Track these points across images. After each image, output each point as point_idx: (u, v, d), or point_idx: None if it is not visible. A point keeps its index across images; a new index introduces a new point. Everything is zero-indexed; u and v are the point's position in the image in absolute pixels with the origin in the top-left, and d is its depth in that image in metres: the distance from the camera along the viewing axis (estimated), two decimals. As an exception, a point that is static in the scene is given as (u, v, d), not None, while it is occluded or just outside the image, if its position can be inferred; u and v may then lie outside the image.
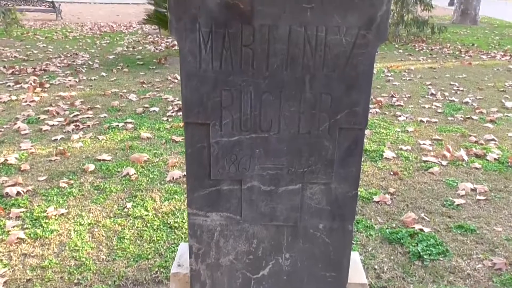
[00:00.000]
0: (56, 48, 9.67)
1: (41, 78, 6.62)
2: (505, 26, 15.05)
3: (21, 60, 8.13)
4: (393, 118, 5.03)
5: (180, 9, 1.11)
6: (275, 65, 1.16)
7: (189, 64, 1.17)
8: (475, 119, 4.99)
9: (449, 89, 6.34)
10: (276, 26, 1.12)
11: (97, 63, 7.96)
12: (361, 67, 1.16)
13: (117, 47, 9.83)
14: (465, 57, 9.15)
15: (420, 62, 8.56)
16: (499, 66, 8.12)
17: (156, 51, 9.32)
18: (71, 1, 24.15)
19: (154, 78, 6.79)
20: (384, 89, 6.26)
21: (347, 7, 1.10)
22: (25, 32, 11.95)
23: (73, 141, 4.17)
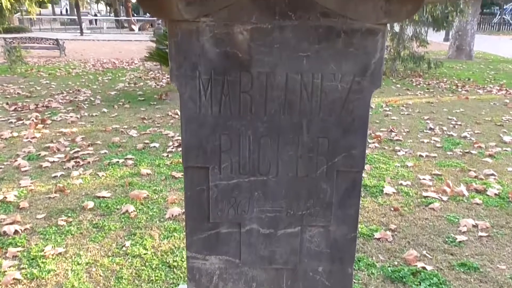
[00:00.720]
0: (59, 84, 9.84)
1: (43, 115, 6.70)
2: (499, 61, 15.36)
3: (24, 97, 8.26)
4: (392, 153, 5.05)
5: (181, 57, 1.15)
6: (273, 110, 1.19)
7: (189, 109, 1.20)
8: (474, 154, 5.01)
9: (447, 124, 6.40)
10: (274, 74, 1.16)
11: (98, 99, 8.08)
12: (356, 112, 1.18)
13: (119, 83, 10.00)
14: (461, 91, 9.29)
15: (417, 96, 8.68)
16: (495, 101, 8.23)
17: (157, 87, 9.47)
18: (75, 39, 24.77)
19: (155, 114, 6.87)
20: (382, 124, 6.32)
21: (342, 55, 1.14)
22: (29, 69, 12.19)
23: (73, 177, 4.17)
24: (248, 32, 1.13)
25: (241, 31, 1.13)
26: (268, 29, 1.12)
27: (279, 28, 1.12)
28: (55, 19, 39.43)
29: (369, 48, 1.13)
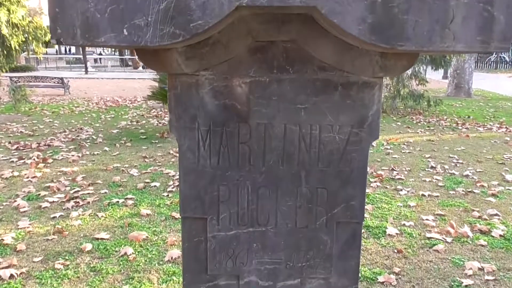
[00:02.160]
0: (61, 123, 9.95)
1: (44, 154, 6.73)
2: (498, 98, 15.53)
3: (27, 135, 8.32)
4: (394, 192, 5.01)
5: (180, 109, 1.17)
6: (271, 161, 1.19)
7: (188, 160, 1.20)
8: (477, 193, 4.97)
9: (448, 162, 6.39)
10: (272, 125, 1.17)
11: (101, 137, 8.13)
12: (355, 163, 1.18)
13: (121, 121, 10.10)
14: (462, 129, 9.34)
15: (418, 134, 8.72)
16: (496, 138, 8.26)
17: (159, 125, 9.56)
18: (80, 77, 25.28)
19: (156, 152, 6.89)
20: (384, 162, 6.31)
21: (339, 107, 1.15)
22: (33, 107, 12.37)
23: (72, 218, 4.13)
24: (246, 85, 1.15)
25: (240, 84, 1.15)
26: (266, 82, 1.14)
27: (277, 81, 1.14)
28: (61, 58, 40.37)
29: (366, 100, 1.15)
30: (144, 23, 0.92)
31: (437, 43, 0.90)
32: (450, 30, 0.90)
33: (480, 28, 0.90)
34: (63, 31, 0.94)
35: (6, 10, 11.22)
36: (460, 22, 0.89)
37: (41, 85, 16.65)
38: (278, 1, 0.89)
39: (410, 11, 0.89)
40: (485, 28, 0.89)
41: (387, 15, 0.89)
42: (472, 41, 0.90)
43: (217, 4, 0.89)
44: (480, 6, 0.89)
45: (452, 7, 0.89)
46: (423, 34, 0.90)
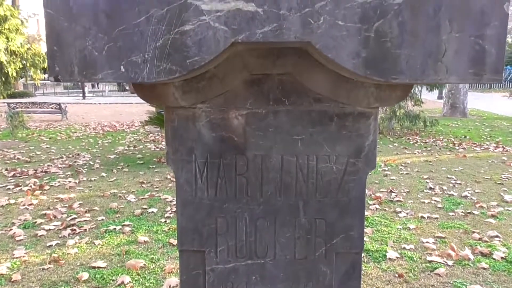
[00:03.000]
0: (59, 148, 9.93)
1: (41, 180, 6.69)
2: (493, 118, 15.66)
3: (24, 162, 8.29)
4: (393, 214, 4.98)
5: (178, 142, 1.17)
6: (269, 192, 1.19)
7: (185, 192, 1.19)
8: (476, 214, 4.94)
9: (447, 183, 6.38)
10: (269, 156, 1.17)
11: (98, 163, 8.10)
12: (353, 193, 1.18)
13: (119, 146, 10.09)
14: (459, 149, 9.36)
15: (415, 155, 8.74)
16: (493, 158, 8.28)
17: (157, 150, 9.55)
18: (78, 102, 25.40)
19: (154, 178, 6.86)
20: (382, 184, 6.29)
21: (336, 137, 1.16)
22: (30, 133, 12.36)
23: (68, 246, 4.07)
24: (243, 117, 1.15)
25: (236, 116, 1.15)
26: (262, 114, 1.15)
27: (273, 113, 1.15)
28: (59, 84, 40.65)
29: (362, 130, 1.15)
30: (141, 60, 0.93)
31: (431, 76, 0.92)
32: (442, 63, 0.91)
33: (472, 61, 0.91)
34: (61, 69, 0.95)
35: (5, 37, 11.36)
36: (452, 56, 0.91)
37: (38, 111, 16.70)
38: (273, 37, 0.91)
39: (403, 45, 0.91)
40: (477, 61, 0.91)
41: (381, 50, 0.90)
42: (465, 74, 0.92)
43: (213, 41, 0.91)
44: (472, 40, 0.90)
45: (444, 41, 0.91)
46: (417, 67, 0.91)
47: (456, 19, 0.90)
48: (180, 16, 0.91)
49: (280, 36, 0.90)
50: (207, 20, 0.90)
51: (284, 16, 0.90)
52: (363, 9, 0.89)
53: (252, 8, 0.90)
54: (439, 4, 0.89)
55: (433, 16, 0.90)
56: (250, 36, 0.90)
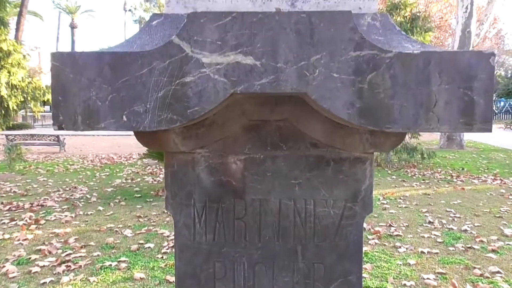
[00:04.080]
0: (56, 181, 9.88)
1: (37, 214, 6.62)
2: (490, 149, 15.75)
3: (20, 195, 8.23)
4: (393, 249, 4.93)
5: (177, 186, 1.19)
6: (267, 237, 1.20)
7: (184, 237, 1.20)
8: (477, 249, 4.90)
9: (446, 216, 6.35)
10: (267, 200, 1.18)
11: (95, 196, 8.05)
12: (350, 237, 1.19)
13: (116, 179, 10.06)
14: (457, 181, 9.37)
15: (414, 188, 8.73)
16: (491, 191, 8.27)
17: (154, 183, 9.52)
18: (76, 134, 25.47)
19: (151, 211, 6.81)
20: (381, 218, 6.26)
21: (333, 182, 1.18)
22: (27, 166, 12.33)
23: (63, 284, 3.99)
24: (241, 161, 1.18)
25: (235, 161, 1.18)
26: (260, 159, 1.17)
27: (271, 157, 1.18)
28: (59, 116, 40.82)
29: (358, 175, 1.17)
30: (143, 110, 0.96)
31: (423, 125, 0.95)
32: (434, 113, 0.95)
33: (462, 111, 0.95)
34: (65, 118, 0.98)
35: (7, 72, 11.54)
36: (443, 106, 0.95)
37: (36, 143, 16.72)
38: (270, 88, 0.94)
39: (396, 96, 0.94)
40: (466, 111, 0.94)
41: (374, 100, 0.94)
42: (456, 123, 0.95)
43: (213, 92, 0.94)
44: (461, 91, 0.94)
45: (435, 92, 0.94)
46: (409, 117, 0.95)
47: (445, 72, 0.94)
48: (181, 68, 0.95)
49: (277, 87, 0.94)
50: (207, 72, 0.94)
51: (281, 69, 0.94)
52: (357, 62, 0.94)
53: (251, 61, 0.94)
54: (429, 57, 0.94)
55: (423, 69, 0.94)
56: (248, 88, 0.94)
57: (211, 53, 0.94)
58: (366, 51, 0.93)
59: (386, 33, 1.05)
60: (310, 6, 1.13)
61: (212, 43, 0.94)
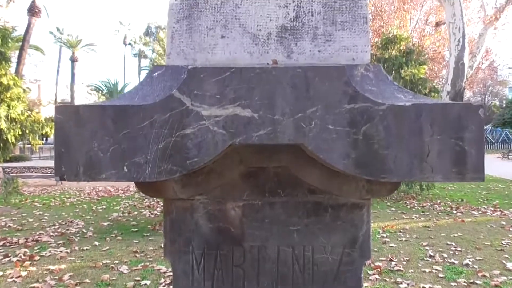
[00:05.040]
0: (52, 215, 9.77)
1: (32, 250, 6.52)
2: (489, 180, 15.74)
3: (15, 230, 8.12)
4: (394, 285, 4.85)
5: (175, 233, 1.19)
6: (265, 284, 1.19)
7: (182, 284, 1.19)
8: (479, 284, 4.82)
9: (447, 250, 6.28)
10: (265, 247, 1.19)
11: (91, 230, 7.95)
12: (349, 283, 1.19)
13: (113, 213, 9.96)
14: (456, 213, 9.32)
15: (413, 220, 8.67)
16: (492, 223, 8.22)
17: (152, 216, 9.42)
18: (74, 166, 25.34)
19: (148, 246, 6.71)
20: (381, 252, 6.18)
21: (331, 228, 1.19)
22: (23, 199, 12.22)
23: (56, 325, 3.89)
24: (240, 208, 1.19)
25: (233, 208, 1.19)
26: (259, 205, 1.19)
27: (269, 204, 1.19)
28: (57, 147, 40.83)
29: (356, 221, 1.19)
30: (144, 161, 0.98)
31: (417, 175, 0.97)
32: (427, 163, 0.97)
33: (454, 161, 0.97)
34: (67, 169, 0.99)
35: (6, 106, 11.64)
36: (436, 156, 0.97)
37: (33, 175, 16.63)
38: (268, 139, 0.97)
39: (390, 147, 0.97)
40: (459, 161, 0.97)
41: (369, 151, 0.97)
42: (449, 173, 0.97)
43: (212, 143, 0.97)
44: (452, 141, 0.97)
45: (427, 143, 0.97)
46: (404, 167, 0.97)
47: (437, 123, 0.97)
48: (181, 120, 0.98)
49: (274, 139, 0.97)
50: (207, 124, 0.97)
51: (278, 121, 0.97)
52: (351, 114, 0.97)
53: (249, 114, 0.97)
54: (420, 109, 0.97)
55: (415, 121, 0.97)
56: (246, 139, 0.97)
57: (211, 106, 0.97)
58: (360, 103, 0.97)
59: (379, 83, 1.09)
60: (305, 57, 1.18)
61: (211, 96, 0.97)
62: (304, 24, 1.19)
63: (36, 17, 27.72)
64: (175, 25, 1.19)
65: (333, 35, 1.19)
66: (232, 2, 1.20)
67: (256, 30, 1.19)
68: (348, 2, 1.20)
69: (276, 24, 1.20)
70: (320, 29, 1.19)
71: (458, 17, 15.80)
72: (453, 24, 15.86)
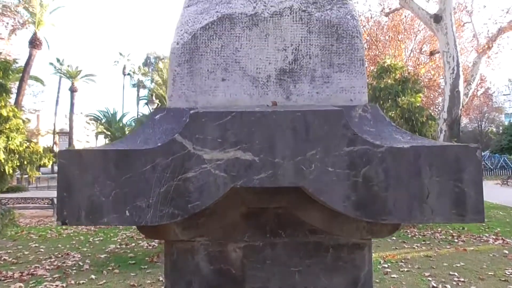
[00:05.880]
0: (48, 247, 9.62)
1: (27, 285, 6.38)
2: (489, 207, 15.66)
3: (10, 263, 7.98)
4: (397, 318, 4.74)
5: (176, 275, 1.18)
6: (267, 327, 1.17)
7: (182, 328, 1.17)
8: (484, 316, 4.72)
9: (449, 281, 6.18)
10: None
11: (87, 263, 7.81)
12: (353, 326, 1.17)
13: (110, 245, 9.81)
14: (458, 242, 9.21)
15: (415, 250, 8.56)
16: (494, 252, 8.12)
17: (149, 248, 9.29)
18: (71, 196, 25.13)
19: (145, 279, 6.58)
20: (383, 284, 6.08)
21: (332, 269, 1.18)
22: (19, 231, 12.05)
23: None
24: (241, 249, 1.18)
25: (234, 249, 1.18)
26: (260, 246, 1.18)
27: (270, 245, 1.19)
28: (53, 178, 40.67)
29: (357, 261, 1.18)
30: (146, 205, 0.98)
31: (418, 217, 0.98)
32: (427, 204, 0.98)
33: (454, 202, 0.98)
34: (69, 213, 1.00)
35: (5, 137, 11.65)
36: (435, 198, 0.98)
37: (30, 206, 16.46)
38: (269, 182, 0.98)
39: (389, 189, 0.98)
40: (458, 202, 0.98)
41: (369, 193, 0.98)
42: (449, 214, 0.98)
43: (214, 187, 0.98)
44: (451, 183, 0.98)
45: (427, 185, 0.98)
46: (404, 209, 0.98)
47: (435, 165, 0.98)
48: (183, 164, 0.99)
49: (275, 181, 0.98)
50: (208, 168, 0.98)
51: (278, 164, 0.98)
52: (350, 156, 0.98)
53: (249, 157, 0.98)
54: (418, 151, 0.99)
55: (414, 163, 0.98)
56: (247, 182, 0.98)
57: (212, 149, 0.99)
58: (359, 146, 0.98)
59: (377, 124, 1.11)
60: (304, 99, 1.21)
61: (213, 140, 0.99)
62: (302, 67, 1.23)
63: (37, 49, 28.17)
64: (177, 68, 1.23)
65: (330, 77, 1.22)
66: (232, 45, 1.23)
67: (256, 73, 1.22)
68: (344, 45, 1.23)
69: (275, 66, 1.23)
70: (318, 71, 1.22)
71: (452, 46, 16.14)
72: (447, 53, 16.17)
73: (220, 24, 1.23)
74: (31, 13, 28.57)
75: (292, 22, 1.23)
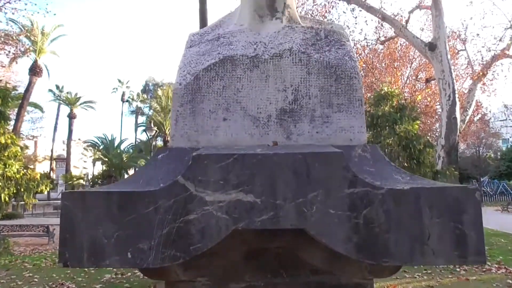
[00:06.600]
0: (42, 277, 9.41)
1: (19, 320, 6.21)
2: (490, 234, 15.49)
3: (2, 296, 7.79)
4: None
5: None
6: None
7: None
8: None
9: (452, 313, 6.05)
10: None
11: (83, 294, 7.64)
12: None
13: (106, 274, 9.60)
14: (460, 271, 9.06)
15: (416, 279, 8.41)
16: (497, 281, 7.98)
17: (145, 278, 9.11)
18: (68, 223, 24.77)
19: (142, 311, 6.42)
20: (384, 316, 5.94)
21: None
22: (13, 259, 11.83)
23: None
24: (242, 290, 1.17)
25: (235, 289, 1.18)
26: (261, 286, 1.18)
27: (271, 285, 1.18)
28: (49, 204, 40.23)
29: (359, 301, 1.17)
30: (148, 247, 0.99)
31: (419, 259, 0.98)
32: (429, 246, 0.98)
33: (455, 244, 0.98)
34: (71, 255, 1.00)
35: (3, 164, 11.61)
36: (436, 239, 0.98)
37: (25, 234, 16.19)
38: (270, 224, 0.98)
39: (391, 230, 0.99)
40: (460, 243, 0.98)
41: (370, 235, 0.98)
42: (451, 256, 0.98)
43: (215, 229, 0.98)
44: (452, 224, 0.99)
45: (427, 226, 0.99)
46: (405, 251, 0.98)
47: (435, 206, 0.99)
48: (185, 206, 0.99)
49: (277, 223, 0.98)
50: (210, 210, 0.99)
51: (280, 206, 0.99)
52: (351, 198, 0.99)
53: (251, 199, 0.99)
54: (418, 193, 1.00)
55: (414, 204, 0.99)
56: (249, 224, 0.98)
57: (214, 191, 1.00)
58: (360, 188, 0.99)
59: (377, 164, 1.13)
60: (304, 138, 1.23)
61: (215, 182, 1.00)
62: (302, 107, 1.25)
63: (38, 76, 28.41)
64: (179, 108, 1.25)
65: (330, 117, 1.24)
66: (234, 86, 1.26)
67: (257, 113, 1.24)
68: (343, 85, 1.27)
69: (276, 107, 1.25)
70: (318, 111, 1.25)
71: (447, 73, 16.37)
72: (443, 80, 16.40)
73: (222, 65, 1.26)
74: (32, 41, 28.98)
75: (292, 63, 1.27)
